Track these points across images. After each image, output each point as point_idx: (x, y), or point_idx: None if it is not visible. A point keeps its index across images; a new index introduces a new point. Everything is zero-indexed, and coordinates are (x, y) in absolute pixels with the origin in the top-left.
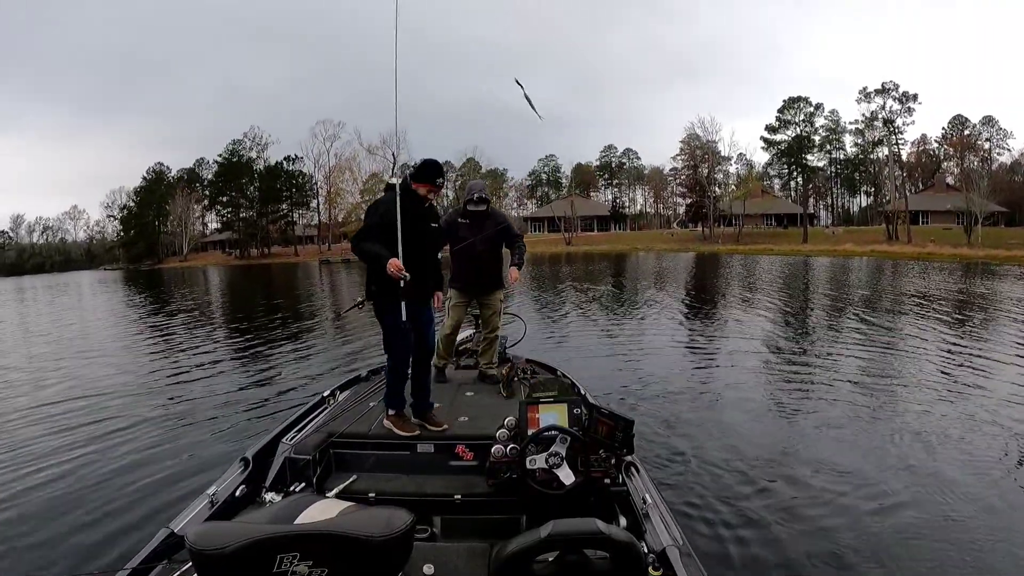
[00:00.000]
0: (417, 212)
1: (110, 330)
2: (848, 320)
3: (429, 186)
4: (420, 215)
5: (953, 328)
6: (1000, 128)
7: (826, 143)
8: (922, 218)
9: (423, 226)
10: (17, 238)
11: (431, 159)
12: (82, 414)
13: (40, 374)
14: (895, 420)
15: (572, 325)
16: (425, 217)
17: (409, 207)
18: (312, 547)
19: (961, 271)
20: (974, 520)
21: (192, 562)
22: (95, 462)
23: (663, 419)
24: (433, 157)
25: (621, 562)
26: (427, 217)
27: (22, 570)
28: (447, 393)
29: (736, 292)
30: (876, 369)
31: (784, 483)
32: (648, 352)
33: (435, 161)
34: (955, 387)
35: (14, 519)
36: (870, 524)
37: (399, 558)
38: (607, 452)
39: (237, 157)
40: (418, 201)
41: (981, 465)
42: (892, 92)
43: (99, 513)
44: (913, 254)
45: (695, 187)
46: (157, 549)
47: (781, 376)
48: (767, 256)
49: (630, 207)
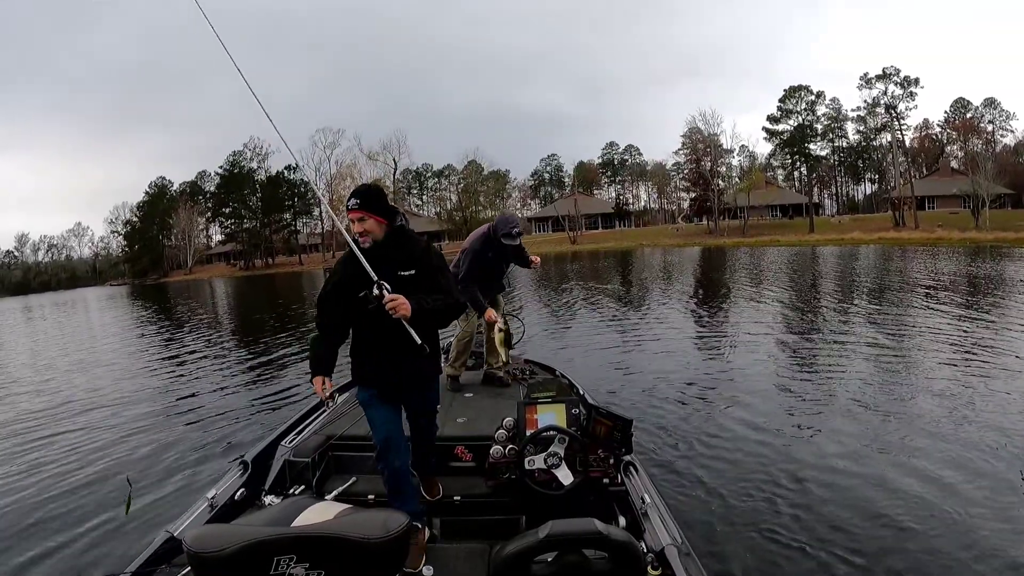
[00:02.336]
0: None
1: (118, 341)
2: (864, 310)
3: (352, 213)
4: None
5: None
6: (1003, 110)
7: (828, 131)
8: (928, 203)
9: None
10: (22, 257)
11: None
12: (82, 421)
13: (44, 380)
14: (905, 420)
15: (576, 323)
16: (387, 260)
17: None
18: (309, 549)
19: (975, 255)
20: (983, 528)
21: (190, 565)
22: (96, 463)
23: (663, 418)
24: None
25: (620, 562)
26: (389, 259)
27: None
28: (446, 394)
29: (744, 286)
30: (890, 366)
31: (785, 482)
32: (650, 351)
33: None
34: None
35: (15, 522)
36: (872, 524)
37: (397, 559)
38: (606, 452)
39: (238, 168)
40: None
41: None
42: (893, 77)
43: (99, 518)
44: (922, 240)
45: (698, 181)
46: (156, 553)
47: (786, 375)
48: (774, 247)
49: (634, 203)
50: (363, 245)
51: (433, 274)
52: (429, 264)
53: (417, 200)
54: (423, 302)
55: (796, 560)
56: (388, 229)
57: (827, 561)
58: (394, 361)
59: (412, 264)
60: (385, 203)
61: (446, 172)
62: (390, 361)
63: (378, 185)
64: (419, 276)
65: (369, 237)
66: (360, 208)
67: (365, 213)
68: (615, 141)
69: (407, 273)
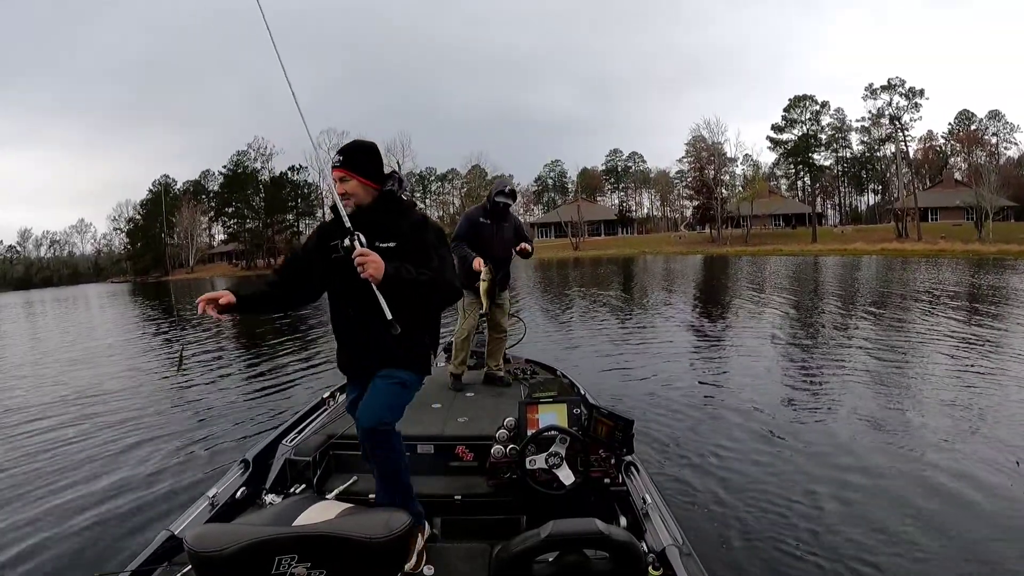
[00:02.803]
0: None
1: (117, 338)
2: (868, 320)
3: (335, 171)
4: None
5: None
6: (1007, 122)
7: (832, 141)
8: (931, 215)
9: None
10: (25, 252)
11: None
12: (83, 417)
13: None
14: (909, 426)
15: (577, 327)
16: (369, 228)
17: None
18: (311, 548)
19: (978, 267)
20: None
21: (191, 565)
22: (93, 461)
23: (664, 419)
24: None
25: (621, 562)
26: (372, 227)
27: (24, 573)
28: (447, 394)
29: (746, 294)
30: (895, 374)
31: (786, 483)
32: (651, 355)
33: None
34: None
35: (15, 522)
36: (874, 529)
37: (398, 559)
38: (607, 452)
39: (242, 168)
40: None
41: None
42: (898, 88)
43: (99, 516)
44: (925, 251)
45: (702, 189)
46: (157, 552)
47: (788, 381)
48: (777, 257)
49: (637, 211)
50: (346, 210)
51: (424, 250)
52: (420, 240)
53: (421, 204)
54: (402, 270)
55: (797, 561)
56: (376, 194)
57: (828, 562)
58: (358, 335)
59: (395, 236)
60: (374, 164)
61: (450, 176)
62: (354, 335)
63: (371, 144)
64: (402, 250)
65: (352, 200)
66: (342, 166)
67: (347, 172)
68: (619, 148)
69: (386, 245)
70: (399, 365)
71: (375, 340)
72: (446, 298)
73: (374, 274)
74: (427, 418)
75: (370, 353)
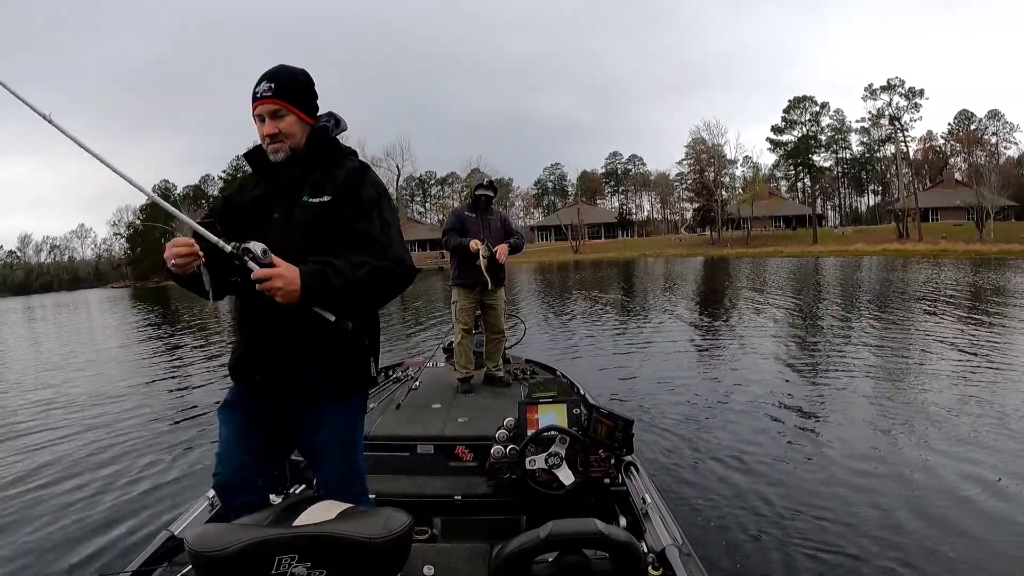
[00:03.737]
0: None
1: (119, 343)
2: (871, 321)
3: (262, 104)
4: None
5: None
6: (1006, 122)
7: (832, 142)
8: (932, 215)
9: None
10: (25, 257)
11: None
12: (83, 419)
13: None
14: (913, 428)
15: (577, 328)
16: (295, 179)
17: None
18: (311, 548)
19: (980, 267)
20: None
21: (192, 564)
22: (95, 463)
23: (664, 420)
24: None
25: (621, 562)
26: (298, 179)
27: (24, 574)
28: (447, 394)
29: (747, 296)
30: (898, 376)
31: (787, 484)
32: (652, 354)
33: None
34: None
35: (15, 522)
36: (874, 526)
37: (398, 559)
38: (607, 452)
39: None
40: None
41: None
42: (898, 88)
43: (100, 516)
44: (926, 252)
45: (702, 191)
46: (157, 552)
47: (790, 383)
48: (778, 258)
49: (637, 213)
50: (274, 157)
51: (365, 210)
52: (356, 196)
53: (420, 207)
54: (328, 273)
55: (797, 561)
56: (309, 133)
57: (828, 563)
58: (272, 334)
59: (329, 189)
60: (312, 94)
61: (449, 180)
62: (265, 334)
63: (302, 68)
64: (335, 210)
65: (285, 144)
66: (275, 96)
67: (284, 104)
68: (619, 151)
69: (317, 200)
70: (342, 383)
71: (298, 356)
72: (398, 283)
73: (286, 298)
74: (427, 418)
75: (290, 373)
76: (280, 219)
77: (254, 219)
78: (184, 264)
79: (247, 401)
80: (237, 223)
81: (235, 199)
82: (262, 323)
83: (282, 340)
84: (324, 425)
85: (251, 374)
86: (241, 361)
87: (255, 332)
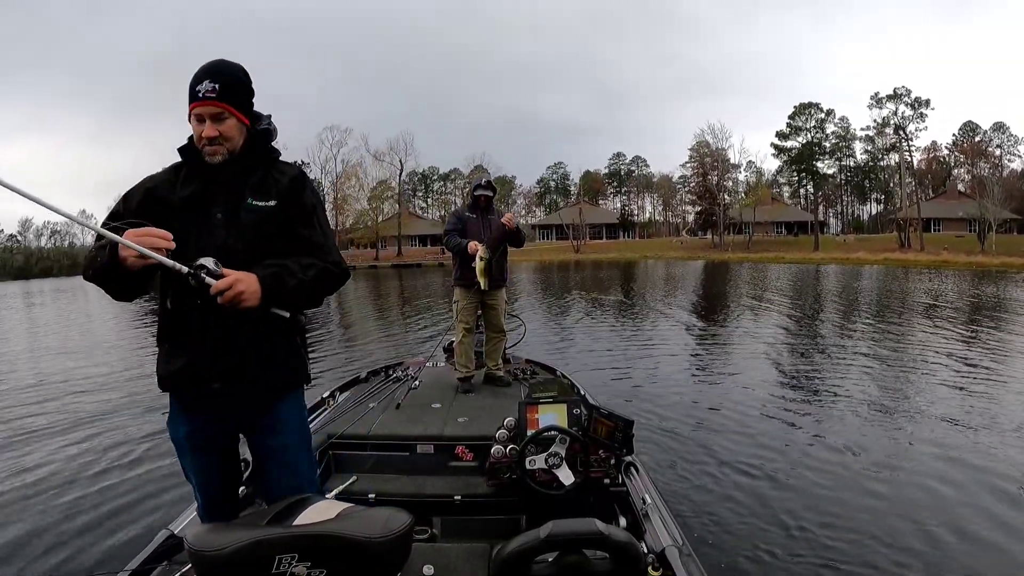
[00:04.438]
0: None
1: (117, 331)
2: (872, 328)
3: (202, 106)
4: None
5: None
6: (1011, 134)
7: (836, 150)
8: (934, 225)
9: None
10: (25, 242)
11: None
12: (80, 415)
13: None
14: (913, 428)
15: (577, 329)
16: (237, 183)
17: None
18: (310, 548)
19: (982, 278)
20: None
21: (191, 563)
22: (95, 463)
23: (665, 421)
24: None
25: (621, 562)
26: (240, 183)
27: (23, 572)
28: (447, 394)
29: (748, 301)
30: (898, 383)
31: (786, 485)
32: (652, 356)
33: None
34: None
35: (11, 519)
36: (875, 527)
37: (398, 559)
38: (607, 452)
39: None
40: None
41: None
42: (904, 98)
43: (98, 514)
44: (927, 262)
45: (705, 195)
46: (157, 551)
47: (790, 385)
48: (779, 264)
49: (639, 215)
50: (211, 159)
51: (307, 215)
52: (300, 202)
53: (422, 203)
54: (283, 274)
55: (797, 561)
56: (249, 137)
57: (828, 563)
58: (238, 341)
59: (274, 193)
60: (251, 95)
61: (452, 176)
62: (229, 342)
63: (240, 65)
64: (281, 212)
65: (223, 148)
66: (219, 99)
67: (227, 108)
68: (622, 152)
69: (263, 204)
70: (297, 381)
71: (244, 354)
72: (337, 283)
73: (248, 301)
74: (427, 418)
75: (234, 374)
76: (224, 220)
77: (188, 217)
78: (144, 263)
79: (196, 416)
80: (164, 220)
81: (160, 194)
82: (223, 331)
83: (248, 347)
84: (287, 425)
85: (207, 383)
86: (193, 370)
87: (217, 342)
